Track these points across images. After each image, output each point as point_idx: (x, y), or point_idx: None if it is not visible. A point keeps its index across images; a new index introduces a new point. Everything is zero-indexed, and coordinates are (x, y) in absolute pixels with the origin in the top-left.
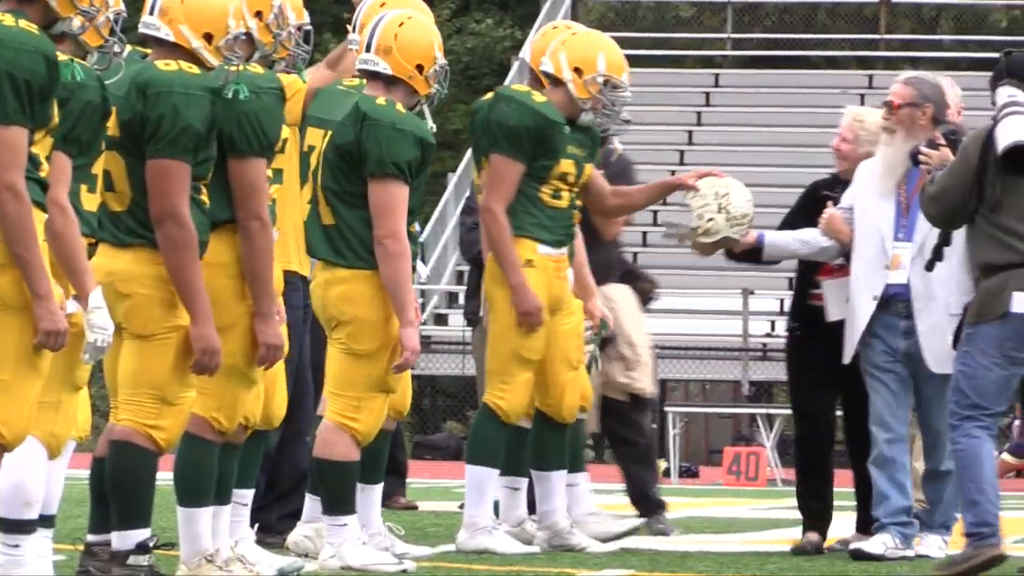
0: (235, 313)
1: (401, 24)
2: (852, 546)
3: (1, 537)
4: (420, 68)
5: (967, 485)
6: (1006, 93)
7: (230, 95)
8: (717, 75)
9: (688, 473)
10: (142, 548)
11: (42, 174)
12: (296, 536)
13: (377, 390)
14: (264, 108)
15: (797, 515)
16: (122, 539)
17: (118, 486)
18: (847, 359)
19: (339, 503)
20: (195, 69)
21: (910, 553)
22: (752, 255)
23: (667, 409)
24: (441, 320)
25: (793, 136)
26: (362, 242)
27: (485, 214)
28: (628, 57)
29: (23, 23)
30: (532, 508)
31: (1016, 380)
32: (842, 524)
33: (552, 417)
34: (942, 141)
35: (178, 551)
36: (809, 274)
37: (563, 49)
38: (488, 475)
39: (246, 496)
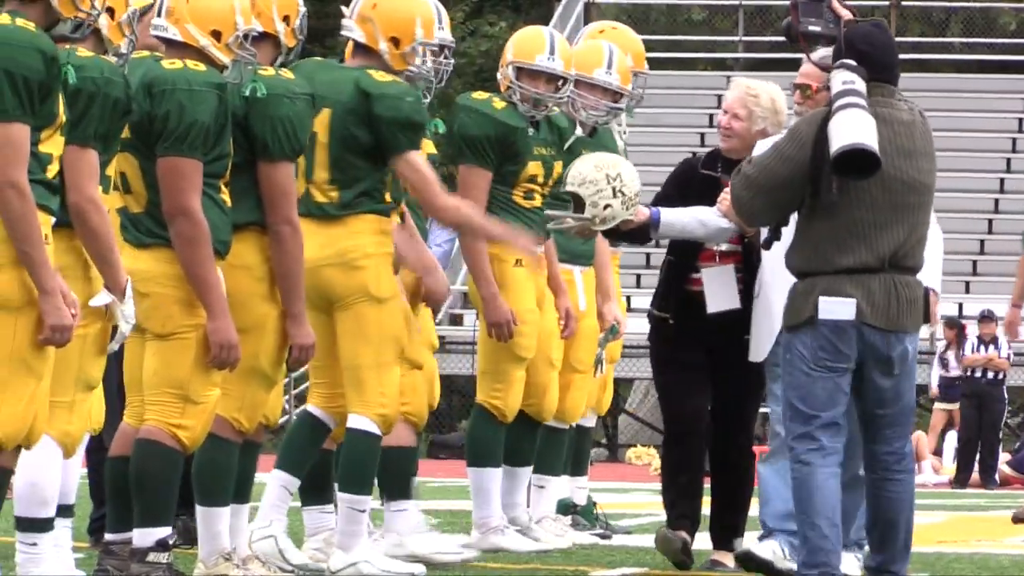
0: (259, 315)
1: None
2: (742, 548)
3: (18, 535)
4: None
5: (799, 518)
6: (840, 79)
7: (247, 93)
8: (728, 77)
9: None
10: (162, 546)
11: (49, 175)
12: (309, 552)
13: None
14: (297, 113)
15: None
16: (143, 536)
17: (142, 484)
18: (761, 356)
19: (401, 489)
20: (201, 66)
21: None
22: (638, 233)
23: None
24: (456, 320)
25: None
26: None
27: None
28: None
29: (20, 21)
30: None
31: (846, 384)
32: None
33: (530, 416)
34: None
35: (196, 549)
36: (689, 258)
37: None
38: (491, 475)
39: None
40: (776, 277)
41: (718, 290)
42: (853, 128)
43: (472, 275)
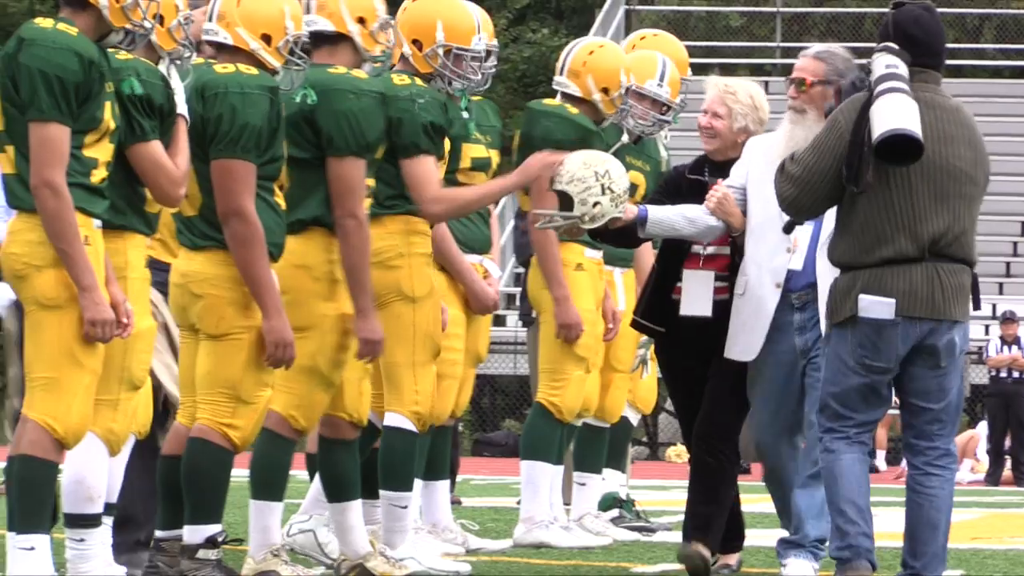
0: (318, 314)
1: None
2: (784, 573)
3: (67, 532)
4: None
5: (828, 505)
6: (883, 63)
7: (298, 99)
8: (767, 83)
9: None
10: (211, 542)
11: (93, 179)
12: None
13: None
14: (363, 109)
15: None
16: (193, 533)
17: (192, 482)
18: (751, 355)
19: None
20: (253, 70)
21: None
22: (625, 233)
23: None
24: (499, 321)
25: None
26: None
27: (534, 229)
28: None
29: (61, 25)
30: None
31: (883, 387)
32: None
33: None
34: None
35: (246, 547)
36: (674, 266)
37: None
38: (543, 471)
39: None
40: (763, 273)
41: (694, 294)
42: (896, 113)
43: (544, 277)
